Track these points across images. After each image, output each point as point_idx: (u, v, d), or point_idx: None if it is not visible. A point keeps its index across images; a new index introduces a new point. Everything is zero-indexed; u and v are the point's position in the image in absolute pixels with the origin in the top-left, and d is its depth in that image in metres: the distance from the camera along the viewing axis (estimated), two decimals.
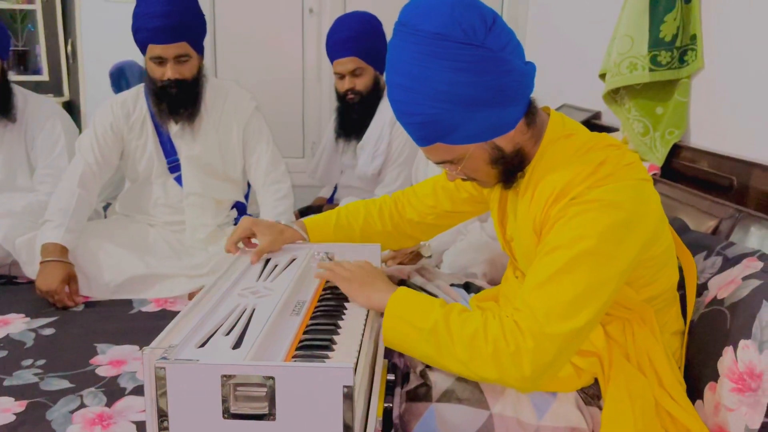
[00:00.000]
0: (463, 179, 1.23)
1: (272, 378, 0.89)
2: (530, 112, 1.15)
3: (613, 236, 1.04)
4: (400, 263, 2.12)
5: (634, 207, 1.07)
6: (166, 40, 2.09)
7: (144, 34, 2.10)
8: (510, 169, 1.17)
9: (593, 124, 2.49)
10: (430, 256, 2.15)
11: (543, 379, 1.04)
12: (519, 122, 1.13)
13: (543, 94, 2.99)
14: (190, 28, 2.14)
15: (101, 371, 1.64)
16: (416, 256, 2.16)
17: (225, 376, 0.89)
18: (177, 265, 2.21)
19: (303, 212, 2.69)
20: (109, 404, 1.49)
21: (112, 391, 1.54)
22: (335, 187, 2.84)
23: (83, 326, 1.90)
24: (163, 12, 2.07)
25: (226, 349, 0.96)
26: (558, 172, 1.12)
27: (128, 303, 2.08)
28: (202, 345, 0.98)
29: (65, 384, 1.57)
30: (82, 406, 1.48)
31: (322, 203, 2.84)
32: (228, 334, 1.02)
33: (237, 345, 0.98)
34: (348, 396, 0.89)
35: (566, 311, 1.02)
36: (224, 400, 0.90)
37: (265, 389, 0.90)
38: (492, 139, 1.13)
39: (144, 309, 2.05)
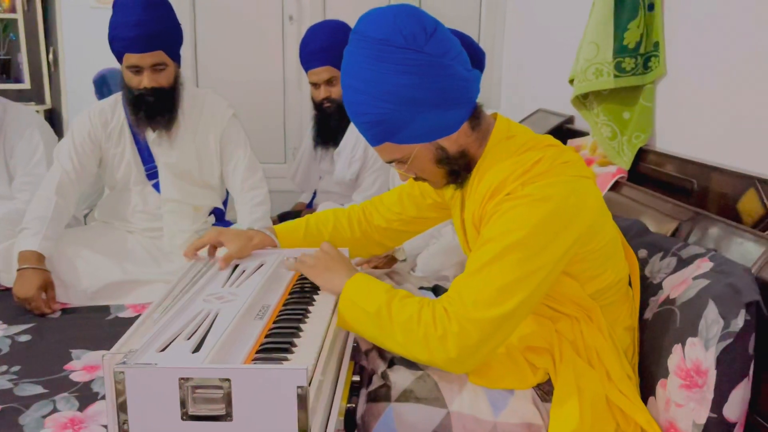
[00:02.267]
0: (415, 179, 1.29)
1: (228, 380, 0.92)
2: (475, 116, 1.22)
3: (543, 229, 1.11)
4: (375, 267, 2.15)
5: (566, 201, 1.13)
6: (142, 49, 2.11)
7: (120, 43, 2.12)
8: (455, 169, 1.24)
9: (567, 128, 2.53)
10: (404, 260, 2.18)
11: (471, 361, 1.11)
12: (463, 125, 1.20)
13: (519, 99, 3.06)
14: (166, 36, 2.16)
15: (75, 376, 1.66)
16: (391, 260, 2.19)
17: (183, 378, 0.92)
18: (155, 271, 2.24)
19: (282, 217, 2.72)
20: (81, 409, 1.51)
21: (85, 396, 1.56)
22: (314, 193, 2.87)
23: (60, 333, 1.92)
24: (138, 21, 2.09)
25: (185, 353, 0.99)
26: (495, 170, 1.19)
27: (105, 309, 2.10)
28: (163, 349, 1.00)
29: (39, 389, 1.59)
30: (55, 410, 1.50)
31: (301, 208, 2.87)
32: (189, 338, 1.04)
33: (197, 349, 1.00)
34: (302, 397, 0.92)
35: (493, 298, 1.09)
36: (182, 403, 0.93)
37: (222, 391, 0.92)
38: (436, 140, 1.20)
39: (121, 315, 2.07)
